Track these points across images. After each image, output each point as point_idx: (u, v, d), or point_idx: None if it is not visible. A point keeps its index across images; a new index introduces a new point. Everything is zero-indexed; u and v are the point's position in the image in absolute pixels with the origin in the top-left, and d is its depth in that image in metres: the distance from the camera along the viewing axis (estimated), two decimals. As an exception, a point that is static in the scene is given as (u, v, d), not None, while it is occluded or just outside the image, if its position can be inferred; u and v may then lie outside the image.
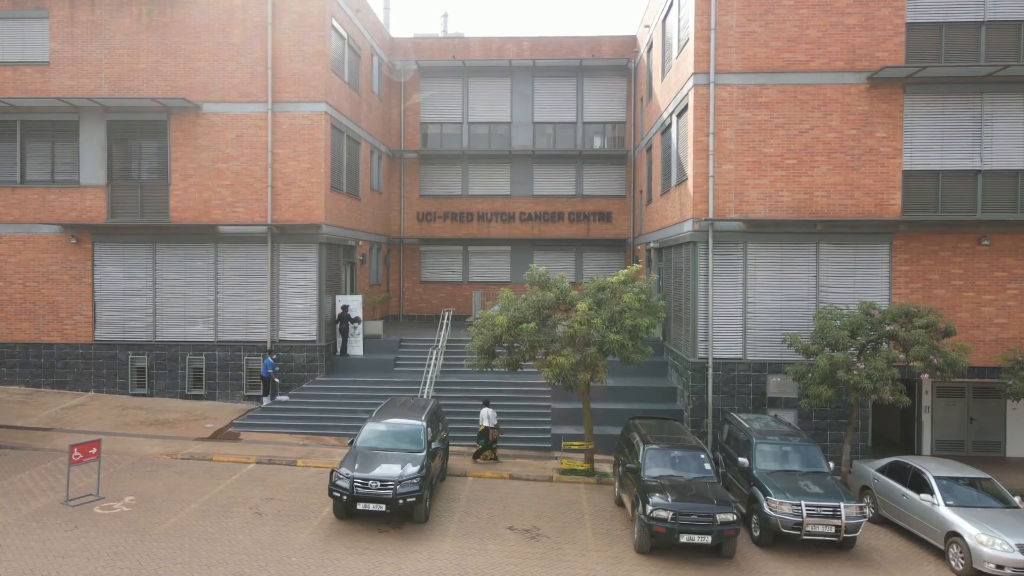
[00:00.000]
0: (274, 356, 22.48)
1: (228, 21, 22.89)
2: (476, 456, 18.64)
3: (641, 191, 29.68)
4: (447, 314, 25.58)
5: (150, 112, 23.07)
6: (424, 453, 14.98)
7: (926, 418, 20.89)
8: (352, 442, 15.57)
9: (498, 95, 32.61)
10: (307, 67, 22.84)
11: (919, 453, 20.88)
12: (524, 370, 18.83)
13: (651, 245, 26.52)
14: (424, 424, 15.66)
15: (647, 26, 27.87)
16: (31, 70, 23.22)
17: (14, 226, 23.43)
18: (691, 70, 19.66)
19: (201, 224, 22.69)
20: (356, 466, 14.36)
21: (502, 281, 32.78)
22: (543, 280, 17.03)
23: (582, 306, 15.70)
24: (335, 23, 24.01)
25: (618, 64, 31.66)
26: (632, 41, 31.61)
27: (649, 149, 27.38)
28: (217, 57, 22.92)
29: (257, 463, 18.00)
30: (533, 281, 17.26)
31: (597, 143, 32.71)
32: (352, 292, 26.89)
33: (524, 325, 15.72)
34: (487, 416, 18.55)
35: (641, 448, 14.71)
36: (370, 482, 13.95)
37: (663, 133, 24.30)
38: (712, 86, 19.34)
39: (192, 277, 23.25)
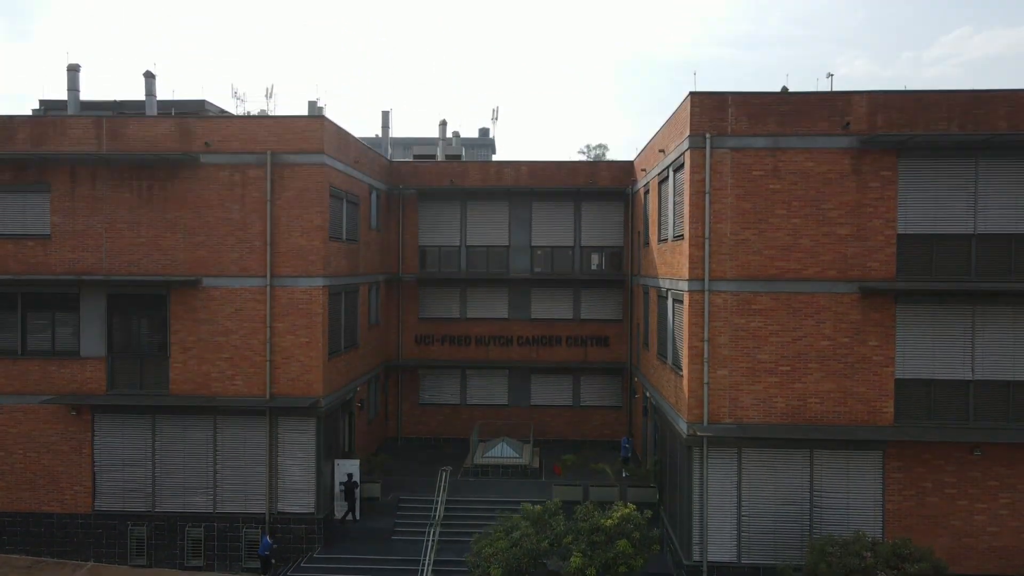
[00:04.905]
0: (271, 537, 22.61)
1: (228, 196, 23.09)
2: None
3: (638, 324, 29.84)
4: (444, 475, 25.69)
5: (150, 286, 23.25)
6: None
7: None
8: None
9: (496, 219, 32.84)
10: (306, 241, 23.03)
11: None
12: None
13: (648, 396, 26.69)
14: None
15: (644, 169, 28.06)
16: (32, 243, 23.43)
17: (15, 397, 23.61)
18: (686, 275, 19.85)
19: (200, 399, 22.85)
20: None
21: (500, 404, 32.99)
22: (538, 518, 17.23)
23: (575, 560, 15.87)
24: (334, 188, 24.22)
25: (616, 191, 31.90)
26: (629, 167, 31.83)
27: (646, 292, 27.54)
28: (216, 232, 23.11)
29: None
30: (529, 518, 17.45)
31: (595, 264, 32.91)
32: (350, 438, 27.09)
33: (519, 579, 15.95)
34: None
35: None
36: None
37: (660, 298, 24.47)
38: (707, 293, 19.52)
39: (191, 449, 23.40)
